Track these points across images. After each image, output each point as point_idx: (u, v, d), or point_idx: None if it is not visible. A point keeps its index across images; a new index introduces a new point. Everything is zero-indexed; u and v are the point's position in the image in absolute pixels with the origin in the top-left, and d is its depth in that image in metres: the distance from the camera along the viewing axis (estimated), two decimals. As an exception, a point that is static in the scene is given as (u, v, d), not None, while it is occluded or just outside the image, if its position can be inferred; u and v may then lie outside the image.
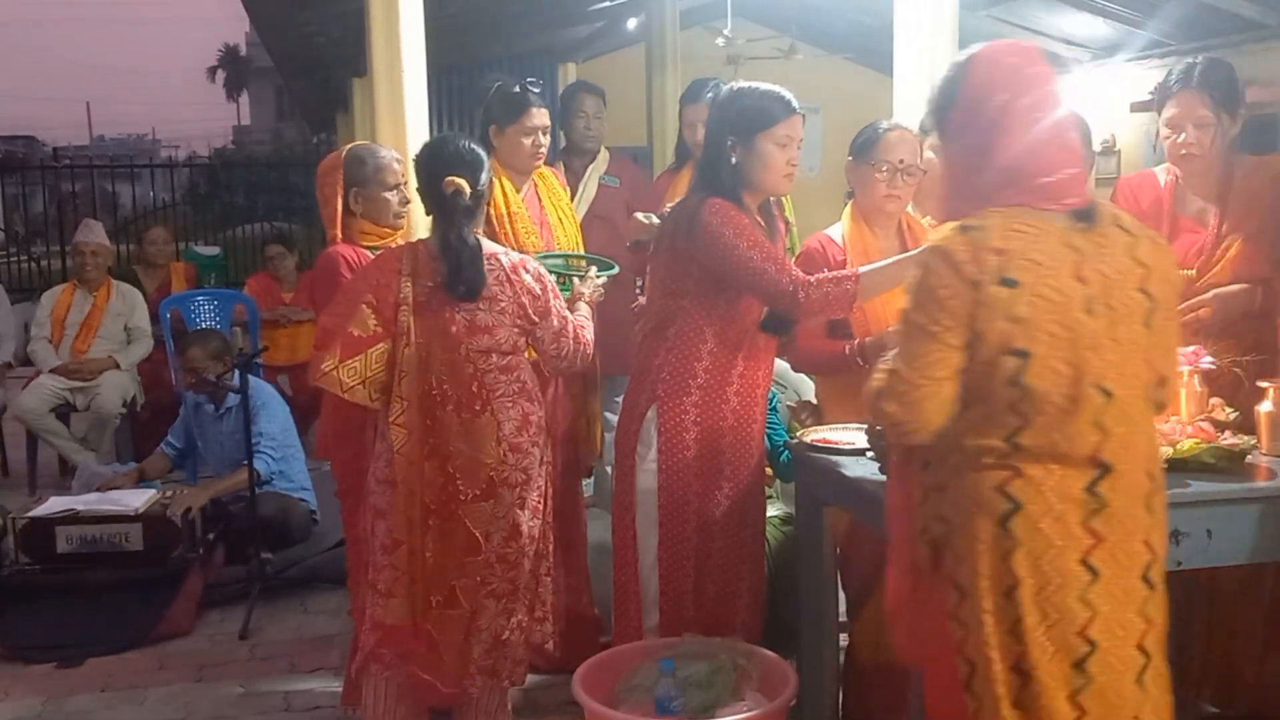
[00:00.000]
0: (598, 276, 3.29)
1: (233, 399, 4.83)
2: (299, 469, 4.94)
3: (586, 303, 3.18)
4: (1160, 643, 1.94)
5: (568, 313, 2.99)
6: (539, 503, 2.92)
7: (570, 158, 4.52)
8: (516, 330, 2.86)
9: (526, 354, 2.97)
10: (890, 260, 2.86)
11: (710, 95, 3.59)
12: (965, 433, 1.92)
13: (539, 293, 2.87)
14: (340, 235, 3.27)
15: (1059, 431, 1.86)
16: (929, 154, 3.26)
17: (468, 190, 2.81)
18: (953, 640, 1.93)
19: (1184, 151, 2.97)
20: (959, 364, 1.90)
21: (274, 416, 4.83)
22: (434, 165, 2.89)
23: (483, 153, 2.93)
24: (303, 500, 4.89)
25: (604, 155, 4.59)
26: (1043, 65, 2.01)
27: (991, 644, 1.88)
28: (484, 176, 2.90)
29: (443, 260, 2.80)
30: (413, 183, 3.04)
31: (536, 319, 2.88)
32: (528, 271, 2.88)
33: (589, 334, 3.06)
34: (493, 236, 3.19)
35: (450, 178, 2.82)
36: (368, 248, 3.25)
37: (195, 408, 5.11)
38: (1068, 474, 1.86)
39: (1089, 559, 1.86)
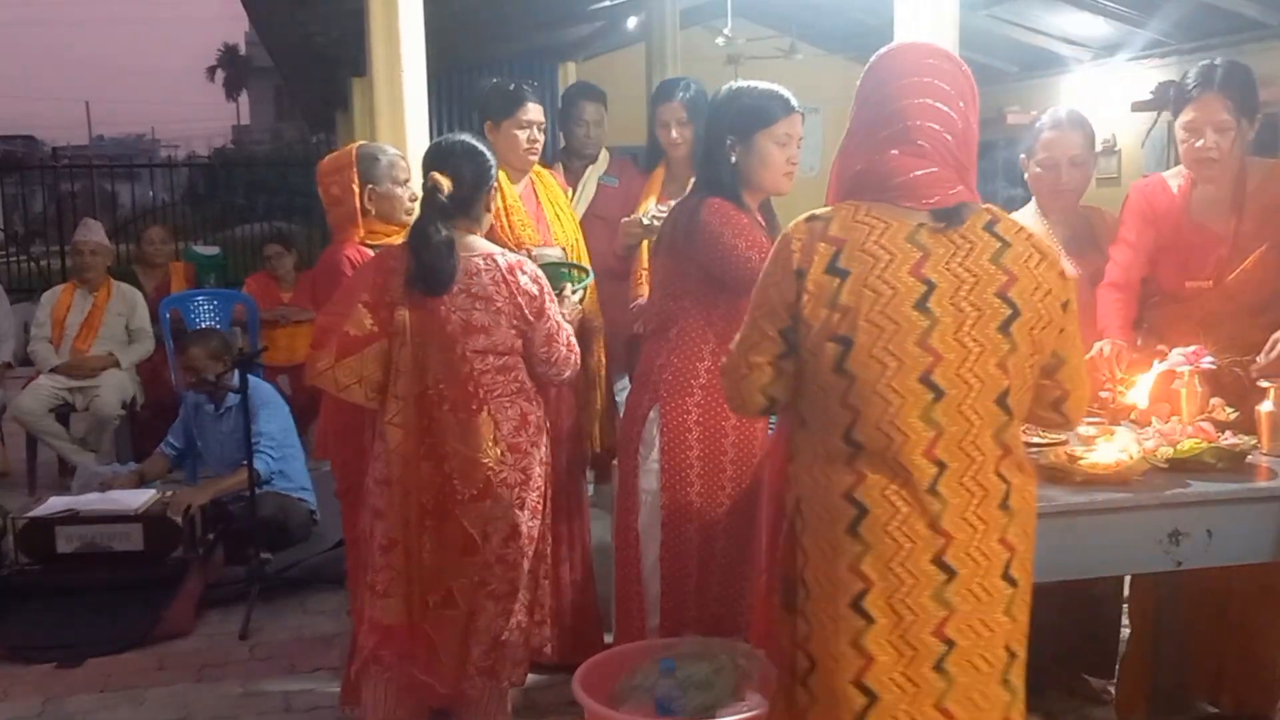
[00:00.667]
0: (573, 293, 3.26)
1: (232, 399, 4.83)
2: (299, 469, 4.94)
3: (568, 322, 3.13)
4: (1024, 640, 1.93)
5: (562, 320, 2.99)
6: (538, 503, 2.92)
7: (569, 159, 4.52)
8: (514, 331, 2.85)
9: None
10: None
11: (683, 95, 3.59)
12: (813, 429, 1.95)
13: (535, 294, 2.86)
14: (339, 230, 3.26)
15: (888, 424, 1.85)
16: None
17: (446, 187, 2.80)
18: (799, 632, 1.95)
19: (1203, 156, 2.90)
20: (777, 350, 1.95)
21: (274, 416, 4.82)
22: (426, 161, 2.90)
23: (486, 153, 2.92)
24: (303, 500, 4.89)
25: (604, 156, 4.59)
26: (933, 67, 1.97)
27: (832, 653, 1.89)
28: (479, 176, 2.88)
29: (409, 253, 2.79)
30: (416, 180, 3.04)
31: (532, 319, 2.87)
32: (524, 273, 2.87)
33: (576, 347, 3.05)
34: (490, 231, 3.19)
35: (433, 173, 2.82)
36: (371, 246, 3.24)
37: (195, 408, 5.10)
38: (908, 476, 1.85)
39: (942, 558, 1.85)
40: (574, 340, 3.02)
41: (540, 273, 2.94)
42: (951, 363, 1.85)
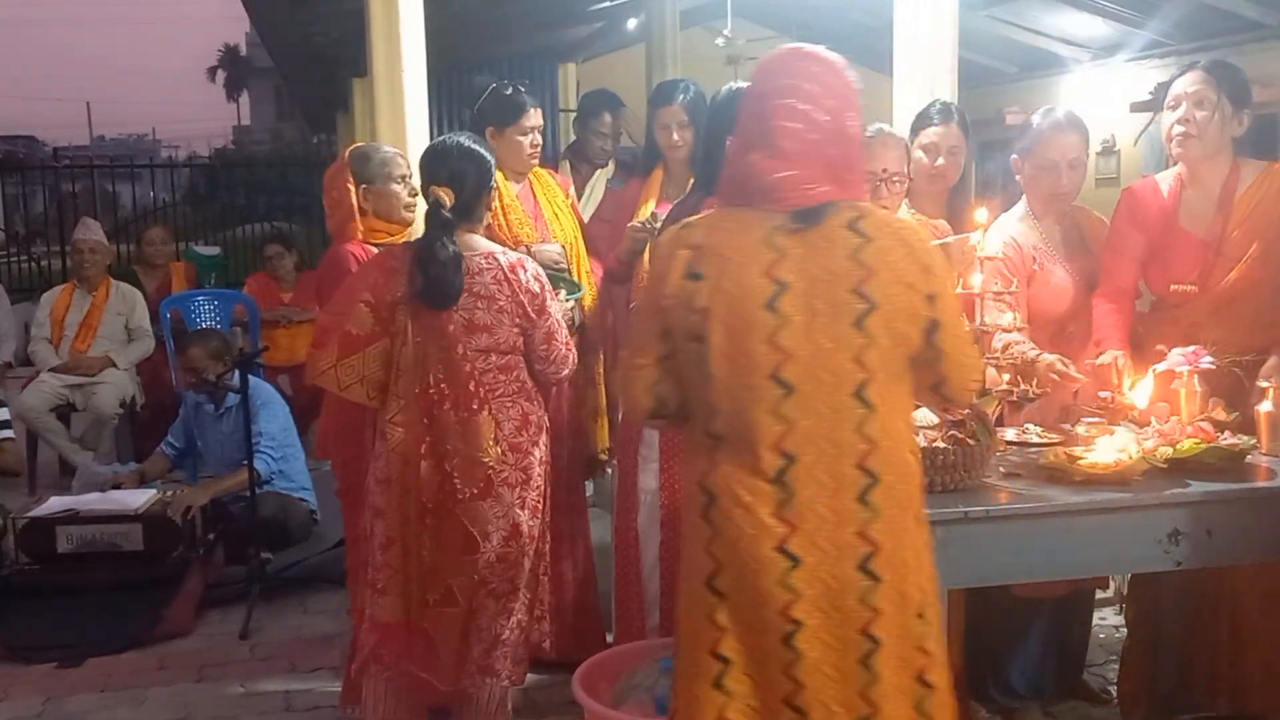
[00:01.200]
0: (566, 300, 3.26)
1: (232, 399, 4.83)
2: (299, 469, 4.94)
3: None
4: (894, 631, 1.96)
5: (562, 319, 2.99)
6: (538, 502, 2.92)
7: (578, 161, 4.52)
8: (515, 330, 2.86)
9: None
10: None
11: (683, 97, 3.61)
12: (691, 423, 2.04)
13: (537, 291, 2.87)
14: (338, 232, 3.27)
15: (740, 419, 1.93)
16: (917, 153, 3.26)
17: (448, 201, 2.80)
18: (678, 608, 2.08)
19: (1180, 129, 2.90)
20: (658, 351, 2.03)
21: (274, 416, 4.83)
22: (425, 172, 2.90)
23: (485, 154, 2.92)
24: (303, 500, 4.89)
25: (612, 162, 4.61)
26: (800, 70, 2.02)
27: (694, 626, 2.00)
28: (480, 180, 2.87)
29: (417, 269, 2.80)
30: (416, 180, 3.04)
31: (534, 316, 2.87)
32: (526, 271, 2.87)
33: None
34: (488, 230, 3.19)
35: (434, 187, 2.82)
36: (375, 245, 3.24)
37: (195, 408, 5.10)
38: (755, 467, 1.92)
39: (785, 546, 1.91)
40: (571, 340, 3.03)
41: (541, 271, 2.94)
42: (802, 359, 1.91)
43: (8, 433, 4.56)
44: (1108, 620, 3.85)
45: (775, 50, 2.11)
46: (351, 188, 3.23)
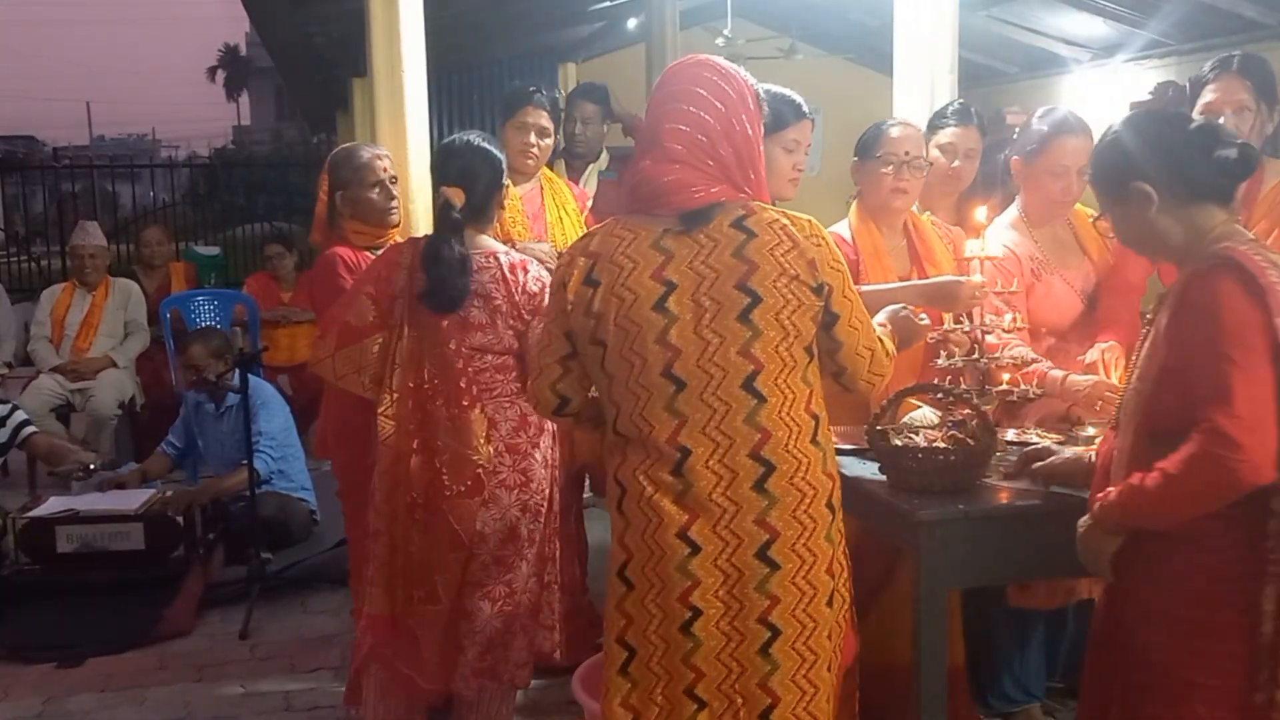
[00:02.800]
0: None
1: (232, 398, 4.83)
2: (299, 469, 4.94)
3: None
4: (792, 620, 2.00)
5: None
6: (541, 505, 2.89)
7: (570, 158, 4.53)
8: (510, 332, 2.84)
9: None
10: (887, 286, 2.84)
11: None
12: (604, 423, 2.13)
13: (536, 292, 2.85)
14: (321, 238, 3.28)
15: (639, 416, 2.03)
16: (934, 153, 3.26)
17: (458, 202, 2.79)
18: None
19: None
20: (561, 350, 2.15)
21: (273, 416, 4.83)
22: (436, 170, 2.90)
23: (496, 152, 2.91)
24: (303, 500, 4.89)
25: (605, 155, 4.61)
26: (691, 75, 2.08)
27: (609, 614, 2.11)
28: (491, 180, 2.86)
29: (423, 271, 2.79)
30: (415, 179, 3.03)
31: (527, 318, 2.84)
32: (527, 273, 2.86)
33: None
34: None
35: (444, 187, 2.81)
36: (365, 248, 3.25)
37: (195, 407, 5.11)
38: (657, 459, 2.01)
39: (687, 533, 1.99)
40: None
41: (545, 274, 2.92)
42: (691, 355, 1.99)
43: (31, 429, 4.66)
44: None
45: (675, 61, 2.18)
46: (325, 194, 3.24)
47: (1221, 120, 2.82)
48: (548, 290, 2.92)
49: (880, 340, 2.16)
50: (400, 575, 2.84)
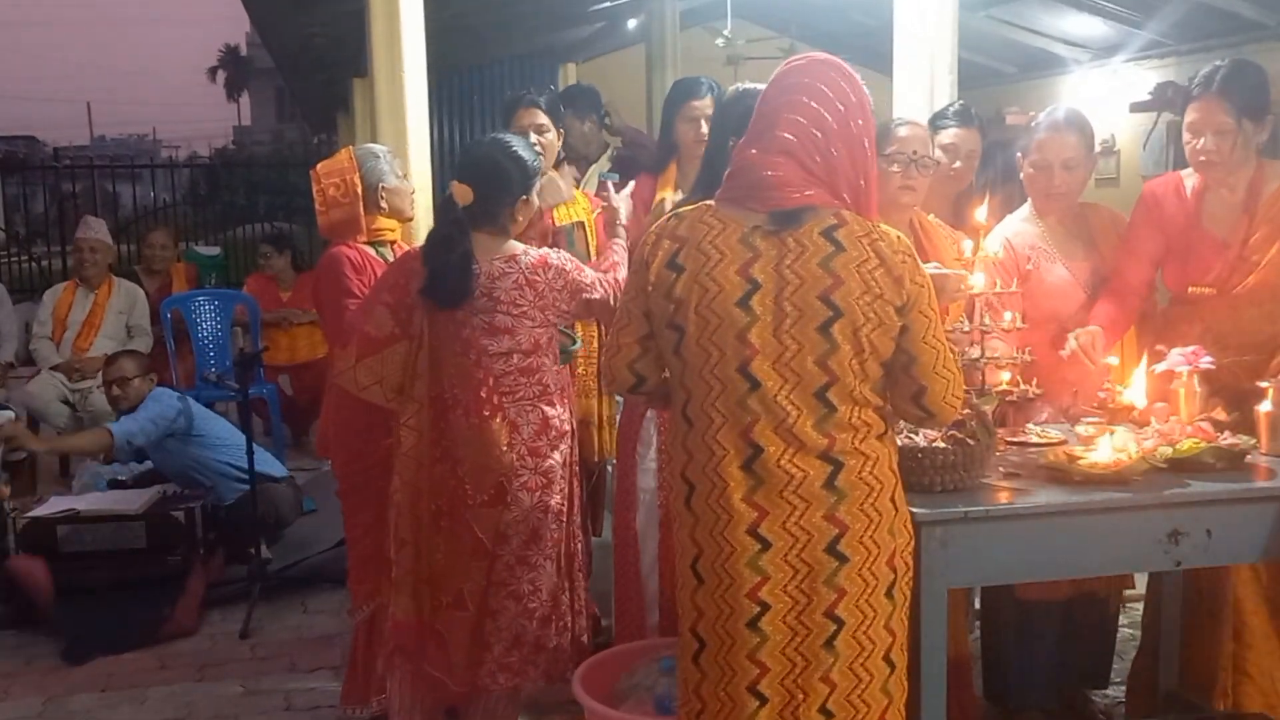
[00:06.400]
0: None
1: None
2: (236, 454, 4.65)
3: None
4: (858, 610, 2.02)
5: (592, 272, 2.94)
6: (562, 506, 2.88)
7: (570, 160, 4.53)
8: (540, 330, 2.81)
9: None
10: None
11: (711, 93, 3.59)
12: (672, 406, 2.16)
13: (569, 269, 2.83)
14: (365, 233, 3.24)
15: (711, 406, 2.04)
16: (936, 153, 3.26)
17: (462, 197, 2.76)
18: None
19: (1203, 158, 2.89)
20: (641, 330, 2.16)
21: (158, 402, 4.71)
22: (458, 165, 2.88)
23: (518, 157, 2.84)
24: (272, 478, 4.79)
25: (604, 157, 4.61)
26: (817, 72, 2.08)
27: (682, 603, 2.13)
28: (503, 185, 2.80)
29: (423, 264, 2.78)
30: (416, 179, 3.02)
31: (571, 301, 2.83)
32: (551, 265, 2.82)
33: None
34: None
35: (454, 182, 2.80)
36: (370, 245, 3.24)
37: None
38: (726, 454, 2.02)
39: (757, 530, 2.01)
40: (605, 279, 2.97)
41: (566, 255, 2.90)
42: (768, 357, 2.00)
43: (7, 413, 4.61)
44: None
45: (799, 56, 2.16)
46: (360, 190, 3.19)
47: (1202, 141, 2.87)
48: (577, 268, 2.88)
49: (957, 370, 2.14)
50: (426, 582, 2.84)
